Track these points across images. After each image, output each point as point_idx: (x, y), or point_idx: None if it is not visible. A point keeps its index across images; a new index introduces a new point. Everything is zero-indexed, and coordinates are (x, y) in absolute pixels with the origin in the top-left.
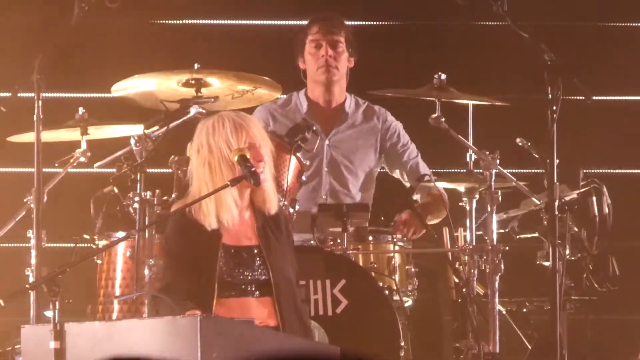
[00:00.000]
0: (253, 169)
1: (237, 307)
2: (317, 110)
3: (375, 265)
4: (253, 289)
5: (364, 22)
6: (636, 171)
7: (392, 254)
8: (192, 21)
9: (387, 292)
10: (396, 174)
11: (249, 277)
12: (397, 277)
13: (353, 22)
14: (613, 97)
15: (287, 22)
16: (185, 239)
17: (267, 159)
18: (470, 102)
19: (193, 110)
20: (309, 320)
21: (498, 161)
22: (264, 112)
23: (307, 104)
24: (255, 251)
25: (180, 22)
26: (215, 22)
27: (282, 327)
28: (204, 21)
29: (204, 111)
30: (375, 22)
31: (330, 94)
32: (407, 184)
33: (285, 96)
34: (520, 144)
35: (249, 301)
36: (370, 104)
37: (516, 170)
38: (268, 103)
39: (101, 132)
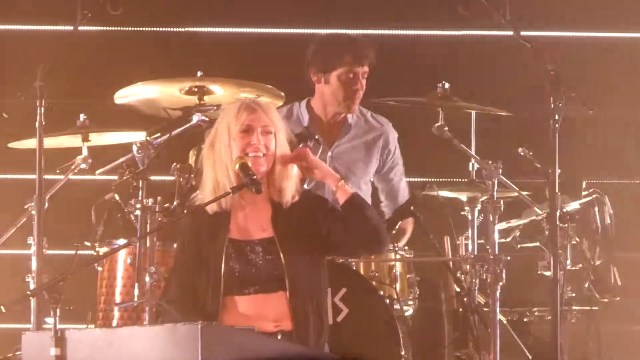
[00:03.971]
0: (254, 177)
1: (250, 304)
2: (319, 122)
3: (376, 274)
4: (266, 284)
5: (368, 31)
6: (638, 181)
7: (393, 263)
8: (195, 29)
9: (387, 300)
10: (377, 185)
11: (261, 272)
12: (398, 286)
13: (357, 31)
14: (615, 107)
15: (291, 31)
16: (195, 235)
17: (273, 146)
18: (473, 112)
19: (195, 117)
20: (327, 317)
21: (500, 170)
22: None
23: (308, 116)
24: (268, 244)
25: (183, 29)
26: (218, 30)
27: (295, 323)
28: (207, 29)
29: (206, 119)
30: (379, 31)
31: (340, 115)
32: (381, 197)
33: (286, 108)
34: (522, 153)
35: (262, 297)
36: (374, 114)
37: (518, 180)
38: None
39: (103, 138)
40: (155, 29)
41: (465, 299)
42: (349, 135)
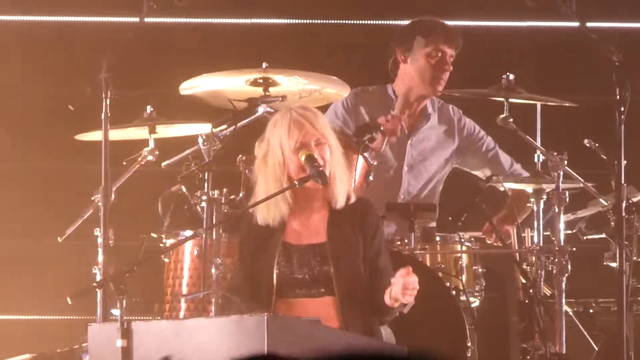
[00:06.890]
0: (321, 169)
1: (298, 308)
2: (404, 106)
3: (443, 266)
4: (315, 289)
5: None
6: None
7: (459, 255)
8: (261, 20)
9: (454, 292)
10: (477, 170)
11: (311, 277)
12: (464, 277)
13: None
14: None
15: (355, 22)
16: (251, 238)
17: (328, 155)
18: (539, 103)
19: (261, 109)
20: (376, 326)
21: (566, 162)
22: (353, 97)
23: (395, 98)
24: (321, 249)
25: (249, 21)
26: (283, 21)
27: (345, 327)
28: (272, 20)
29: (272, 110)
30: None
31: (424, 98)
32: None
33: (376, 87)
34: (588, 145)
35: (309, 302)
36: (445, 103)
37: (584, 171)
38: (360, 89)
39: (169, 130)
40: (220, 20)
41: (531, 291)
42: (427, 124)
